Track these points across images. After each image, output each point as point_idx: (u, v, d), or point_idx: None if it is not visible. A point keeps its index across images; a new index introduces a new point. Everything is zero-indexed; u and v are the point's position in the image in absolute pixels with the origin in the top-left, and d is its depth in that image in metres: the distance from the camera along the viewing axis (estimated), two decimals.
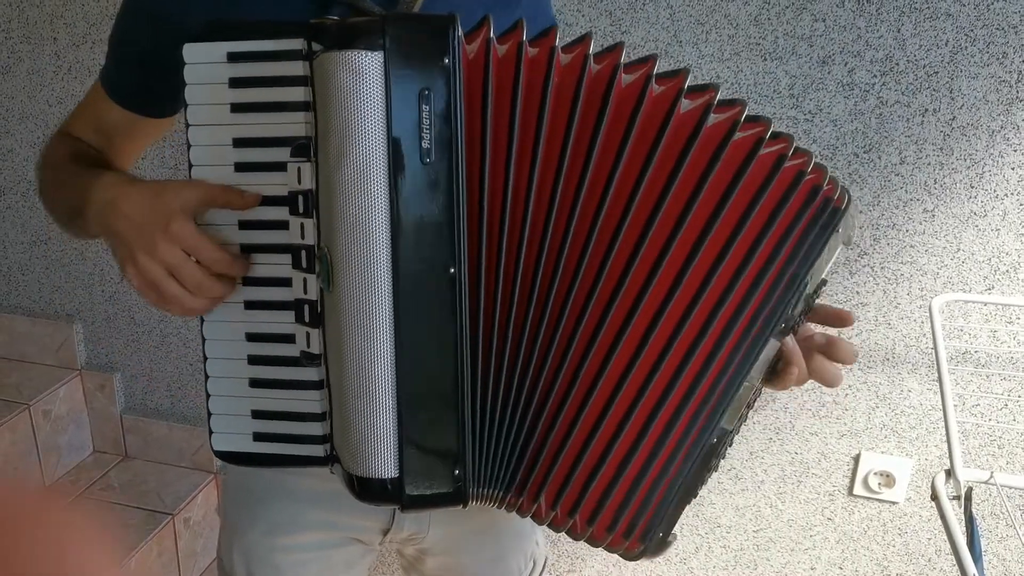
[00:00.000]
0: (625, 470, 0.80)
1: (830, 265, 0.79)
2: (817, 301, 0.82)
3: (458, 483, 0.78)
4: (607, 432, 0.79)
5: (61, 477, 2.13)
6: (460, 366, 0.76)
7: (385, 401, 0.74)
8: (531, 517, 0.84)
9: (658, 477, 0.80)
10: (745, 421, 0.84)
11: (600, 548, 0.83)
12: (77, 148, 0.96)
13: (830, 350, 0.81)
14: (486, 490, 0.82)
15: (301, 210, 0.77)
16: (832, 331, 0.84)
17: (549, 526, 0.84)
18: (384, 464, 0.76)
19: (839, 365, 0.82)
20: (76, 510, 0.38)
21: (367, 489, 0.77)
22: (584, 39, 0.74)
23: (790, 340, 0.78)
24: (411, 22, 0.74)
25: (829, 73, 1.52)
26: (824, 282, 0.81)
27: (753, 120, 0.73)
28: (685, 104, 0.73)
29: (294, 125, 0.77)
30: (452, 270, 0.74)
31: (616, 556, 0.83)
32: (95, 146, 0.99)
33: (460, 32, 0.71)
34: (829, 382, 0.81)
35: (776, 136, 0.74)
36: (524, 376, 0.79)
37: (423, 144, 0.71)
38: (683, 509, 0.82)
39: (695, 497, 0.83)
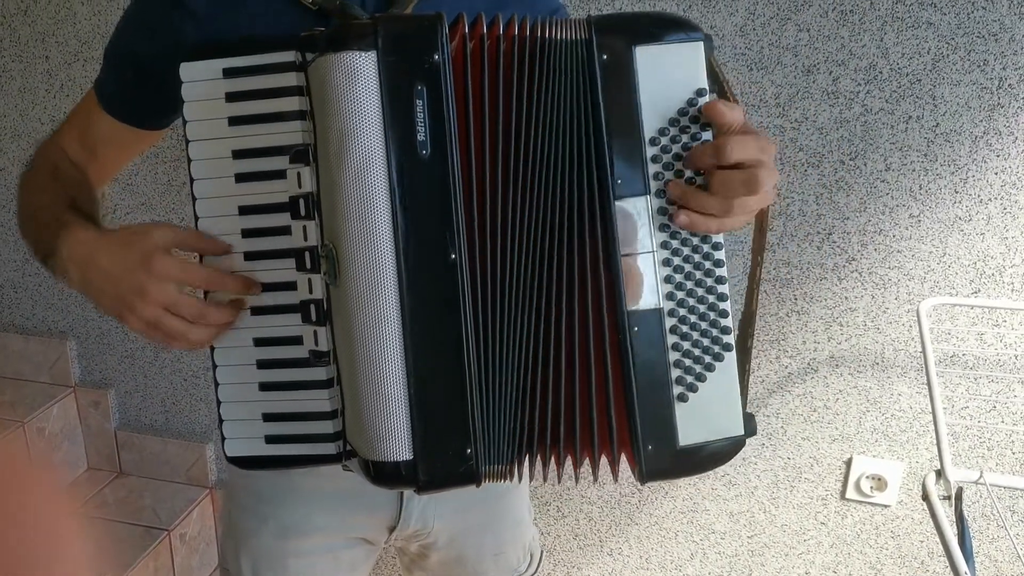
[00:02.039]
0: (575, 397, 0.81)
1: (662, 80, 0.76)
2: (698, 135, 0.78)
3: (469, 462, 0.79)
4: (567, 368, 0.81)
5: (64, 488, 2.12)
6: (466, 348, 0.78)
7: (396, 385, 0.76)
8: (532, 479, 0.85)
9: (601, 391, 0.80)
10: (715, 312, 0.80)
11: (598, 481, 0.82)
12: (56, 172, 0.97)
13: (719, 155, 0.75)
14: (496, 467, 0.83)
15: (303, 213, 0.79)
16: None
17: (539, 480, 0.85)
18: (398, 447, 0.77)
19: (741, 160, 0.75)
20: (75, 520, 0.38)
21: (383, 473, 0.78)
22: (523, 22, 0.78)
23: (676, 189, 0.77)
24: (401, 22, 0.77)
25: (814, 82, 1.54)
26: (700, 93, 0.77)
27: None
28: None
29: (291, 134, 0.80)
30: (453, 256, 0.76)
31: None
32: (78, 160, 1.00)
33: (447, 29, 0.75)
34: (741, 190, 0.75)
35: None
36: (519, 348, 0.81)
37: (419, 137, 0.75)
38: (668, 413, 0.80)
39: (691, 393, 0.80)
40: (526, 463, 0.83)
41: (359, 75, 0.73)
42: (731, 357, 0.81)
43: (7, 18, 1.93)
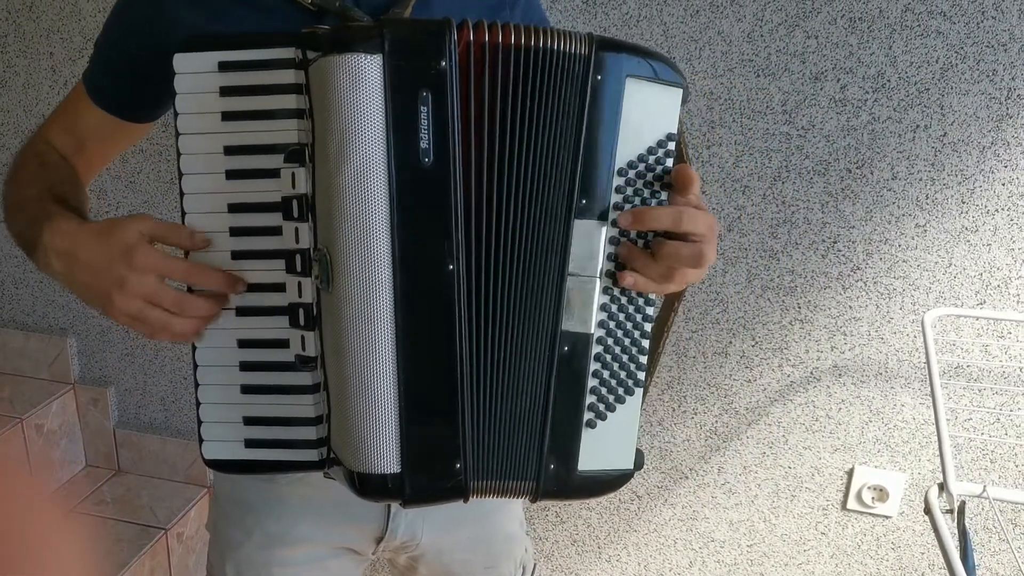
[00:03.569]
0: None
1: (645, 115, 0.77)
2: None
3: (458, 476, 0.78)
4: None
5: (54, 492, 2.12)
6: (460, 362, 0.76)
7: (386, 397, 0.75)
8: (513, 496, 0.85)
9: (527, 400, 0.80)
10: (639, 349, 0.81)
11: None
12: (44, 164, 0.96)
13: (644, 221, 0.77)
14: (487, 483, 0.82)
15: (295, 214, 0.78)
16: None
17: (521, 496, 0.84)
18: (386, 459, 0.76)
19: (692, 239, 0.77)
20: (68, 523, 0.38)
21: (368, 485, 0.77)
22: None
23: (624, 249, 0.78)
24: (408, 26, 0.75)
25: (821, 89, 1.53)
26: (669, 138, 0.78)
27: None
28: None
29: (285, 132, 0.78)
30: (451, 266, 0.75)
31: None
32: (66, 152, 0.98)
33: (455, 36, 0.73)
34: (686, 262, 0.77)
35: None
36: (510, 361, 0.80)
37: (422, 144, 0.73)
38: (575, 435, 0.80)
39: (601, 420, 0.81)
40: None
41: (363, 78, 0.71)
42: (639, 393, 0.83)
43: (12, 14, 1.92)
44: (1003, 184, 1.51)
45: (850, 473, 1.76)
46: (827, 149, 1.56)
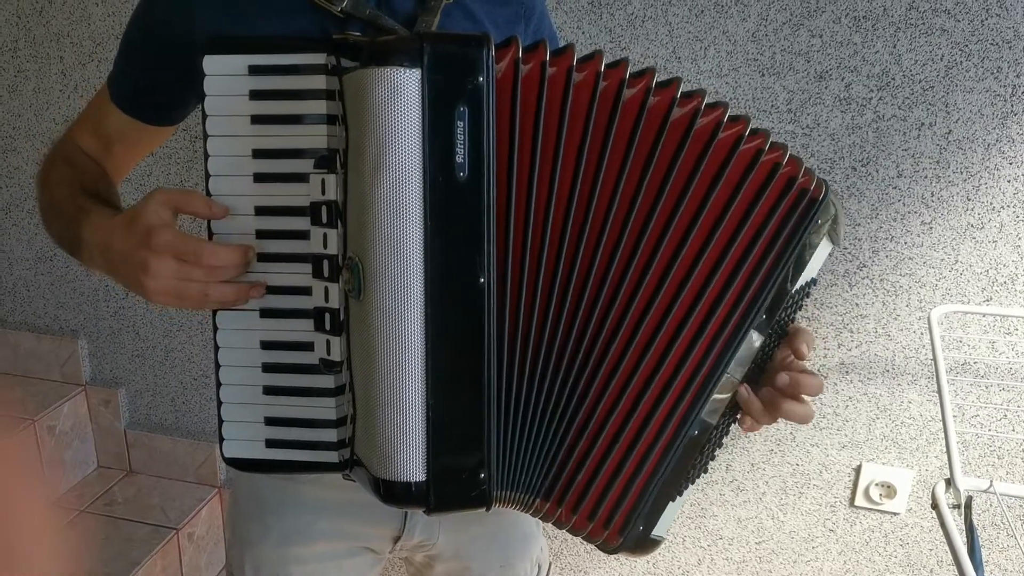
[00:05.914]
0: (609, 458, 0.83)
1: (816, 263, 0.82)
2: (806, 306, 0.86)
3: (483, 486, 0.79)
4: (613, 427, 0.82)
5: (66, 492, 2.14)
6: (487, 373, 0.77)
7: (414, 406, 0.75)
8: (532, 514, 0.86)
9: (638, 467, 0.82)
10: (727, 432, 0.87)
11: (579, 537, 0.85)
12: (74, 164, 0.96)
13: (794, 390, 0.81)
14: (509, 493, 0.83)
15: (324, 220, 0.78)
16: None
17: (539, 516, 0.86)
18: (412, 468, 0.76)
19: (807, 399, 0.83)
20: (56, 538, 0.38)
21: (393, 492, 0.77)
22: (595, 56, 0.77)
23: (744, 391, 0.82)
24: (447, 41, 0.75)
25: (826, 88, 1.54)
26: (813, 282, 0.84)
27: (734, 120, 0.78)
28: (676, 112, 0.78)
29: (315, 137, 0.79)
30: (482, 280, 0.75)
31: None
32: (93, 155, 0.99)
33: (493, 52, 0.73)
34: (800, 420, 0.82)
35: (755, 132, 0.78)
36: (550, 383, 0.81)
37: (457, 159, 0.73)
38: (665, 505, 0.84)
39: (678, 495, 0.85)
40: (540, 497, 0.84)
41: (402, 92, 0.71)
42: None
43: (23, 19, 1.94)
44: (1008, 181, 1.51)
45: (858, 470, 1.77)
46: (832, 147, 1.57)
